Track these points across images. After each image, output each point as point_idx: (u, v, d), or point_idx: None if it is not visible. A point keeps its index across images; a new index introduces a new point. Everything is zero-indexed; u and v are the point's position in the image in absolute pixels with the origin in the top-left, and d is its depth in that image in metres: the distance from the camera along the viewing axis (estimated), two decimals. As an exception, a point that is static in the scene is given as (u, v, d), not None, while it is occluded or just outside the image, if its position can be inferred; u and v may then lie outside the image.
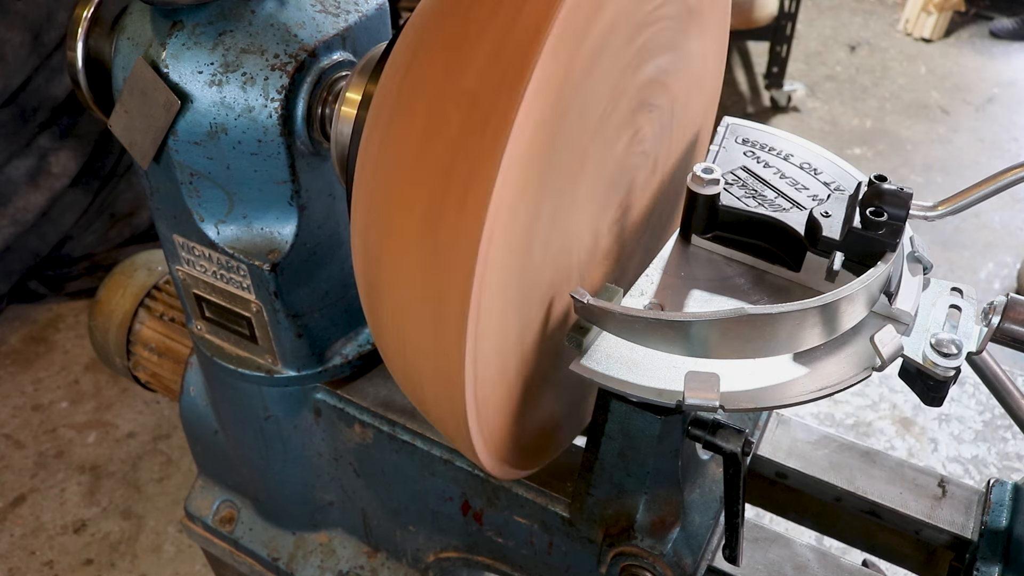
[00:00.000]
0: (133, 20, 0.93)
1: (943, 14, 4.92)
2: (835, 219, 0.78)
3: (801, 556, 1.00)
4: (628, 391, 0.72)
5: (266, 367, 1.12)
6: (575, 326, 0.75)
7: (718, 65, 1.05)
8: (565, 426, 0.98)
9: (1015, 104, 4.43)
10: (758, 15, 3.94)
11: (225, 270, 1.03)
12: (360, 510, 1.25)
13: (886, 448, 2.52)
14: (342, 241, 1.06)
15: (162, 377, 1.43)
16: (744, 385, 0.72)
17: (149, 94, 0.90)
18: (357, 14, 0.96)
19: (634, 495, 0.91)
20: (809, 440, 1.11)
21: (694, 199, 0.82)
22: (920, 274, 0.81)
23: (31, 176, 2.87)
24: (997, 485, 1.02)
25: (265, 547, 1.33)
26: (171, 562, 2.29)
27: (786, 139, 0.89)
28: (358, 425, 1.12)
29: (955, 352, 0.75)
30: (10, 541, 2.33)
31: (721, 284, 0.81)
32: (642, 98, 0.84)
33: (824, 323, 0.73)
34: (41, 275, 3.04)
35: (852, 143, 4.11)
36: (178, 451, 2.56)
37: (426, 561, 1.22)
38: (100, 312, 1.45)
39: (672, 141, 0.97)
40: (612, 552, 0.93)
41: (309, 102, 0.92)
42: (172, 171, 0.95)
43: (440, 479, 1.09)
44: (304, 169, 0.96)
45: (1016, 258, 3.38)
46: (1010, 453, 2.52)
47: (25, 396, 2.74)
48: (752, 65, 4.60)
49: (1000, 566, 0.95)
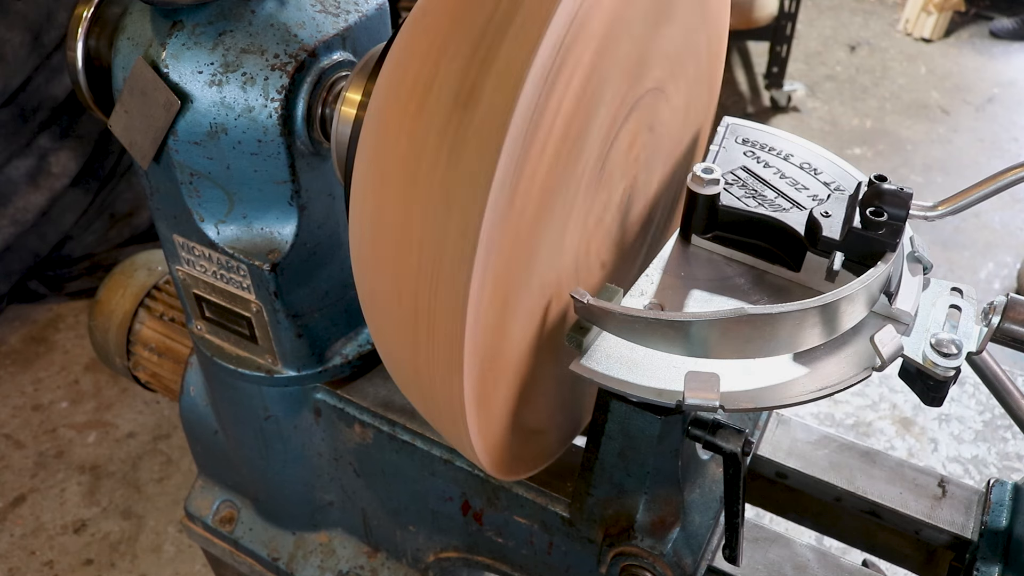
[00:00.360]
0: (133, 20, 0.93)
1: (943, 14, 4.92)
2: (835, 219, 0.78)
3: (801, 556, 1.00)
4: (628, 391, 0.72)
5: (266, 367, 1.12)
6: (575, 326, 0.75)
7: (717, 64, 1.05)
8: (564, 426, 0.98)
9: (1015, 104, 4.43)
10: (758, 15, 3.94)
11: (225, 270, 1.03)
12: (360, 510, 1.25)
13: (886, 448, 2.52)
14: (342, 241, 1.06)
15: (162, 377, 1.43)
16: (744, 385, 0.72)
17: (149, 94, 0.90)
18: (357, 14, 0.96)
19: (634, 495, 0.91)
20: (809, 440, 1.11)
21: (694, 199, 0.82)
22: (920, 274, 0.81)
23: (31, 176, 2.87)
24: (997, 485, 1.02)
25: (265, 547, 1.33)
26: (171, 562, 2.29)
27: (786, 139, 0.89)
28: (358, 425, 1.12)
29: (955, 352, 0.75)
30: (10, 541, 2.33)
31: (721, 284, 0.81)
32: (642, 94, 0.84)
33: (824, 323, 0.73)
34: (41, 275, 3.04)
35: (852, 143, 4.11)
36: (178, 451, 2.56)
37: (426, 561, 1.22)
38: (100, 312, 1.45)
39: (672, 141, 0.96)
40: (612, 552, 0.93)
41: (309, 102, 0.92)
42: (172, 171, 0.95)
43: (440, 479, 1.09)
44: (304, 169, 0.96)
45: (1016, 258, 3.38)
46: (1010, 453, 2.52)
47: (25, 396, 2.74)
48: (752, 65, 4.60)
49: (1000, 566, 0.95)
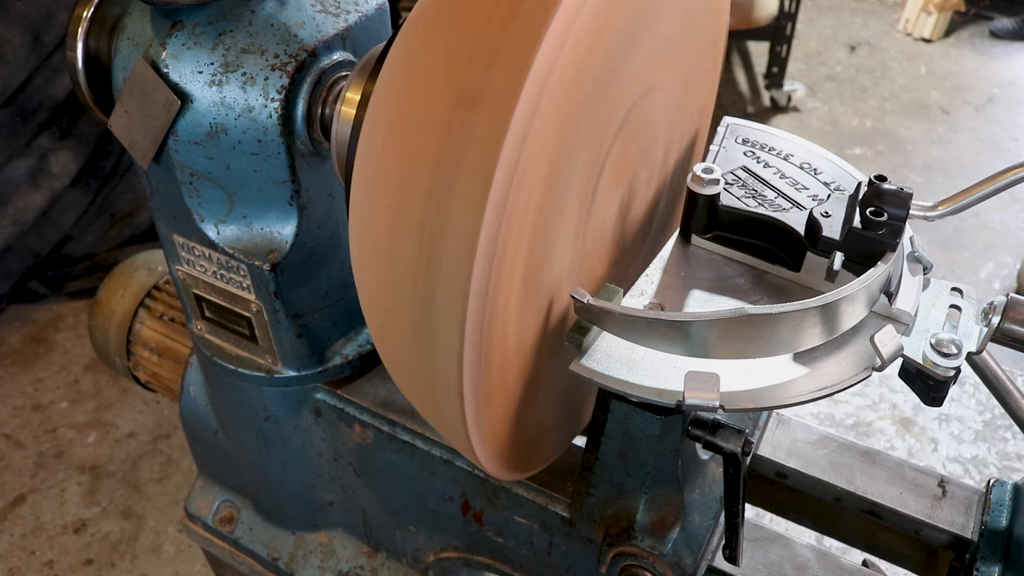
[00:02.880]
0: (133, 20, 0.93)
1: (943, 14, 4.92)
2: (835, 219, 0.78)
3: (801, 556, 1.00)
4: (628, 391, 0.72)
5: (266, 367, 1.12)
6: (575, 326, 0.75)
7: (715, 64, 1.05)
8: (564, 426, 0.98)
9: (1015, 104, 4.43)
10: (758, 15, 3.94)
11: (225, 270, 1.03)
12: (360, 510, 1.25)
13: (886, 448, 2.52)
14: (342, 241, 1.06)
15: (162, 377, 1.43)
16: (744, 385, 0.72)
17: (149, 94, 0.90)
18: (357, 14, 0.96)
19: (634, 495, 0.91)
20: (809, 440, 1.11)
21: (694, 199, 0.82)
22: (920, 274, 0.81)
23: (31, 176, 2.87)
24: (997, 485, 1.02)
25: (265, 547, 1.33)
26: (171, 562, 2.29)
27: (786, 139, 0.89)
28: (358, 425, 1.12)
29: (955, 352, 0.75)
30: (10, 541, 2.33)
31: (721, 284, 0.81)
32: (643, 87, 0.83)
33: (824, 323, 0.73)
34: (41, 275, 3.04)
35: (852, 143, 4.11)
36: (178, 451, 2.56)
37: (426, 561, 1.22)
38: (100, 312, 1.46)
39: (672, 137, 0.96)
40: (612, 552, 0.93)
41: (309, 102, 0.92)
42: (172, 171, 0.95)
43: (440, 479, 1.09)
44: (304, 169, 0.96)
45: (1016, 258, 3.38)
46: (1010, 453, 2.52)
47: (25, 396, 2.73)
48: (752, 65, 4.60)
49: (1000, 566, 0.95)
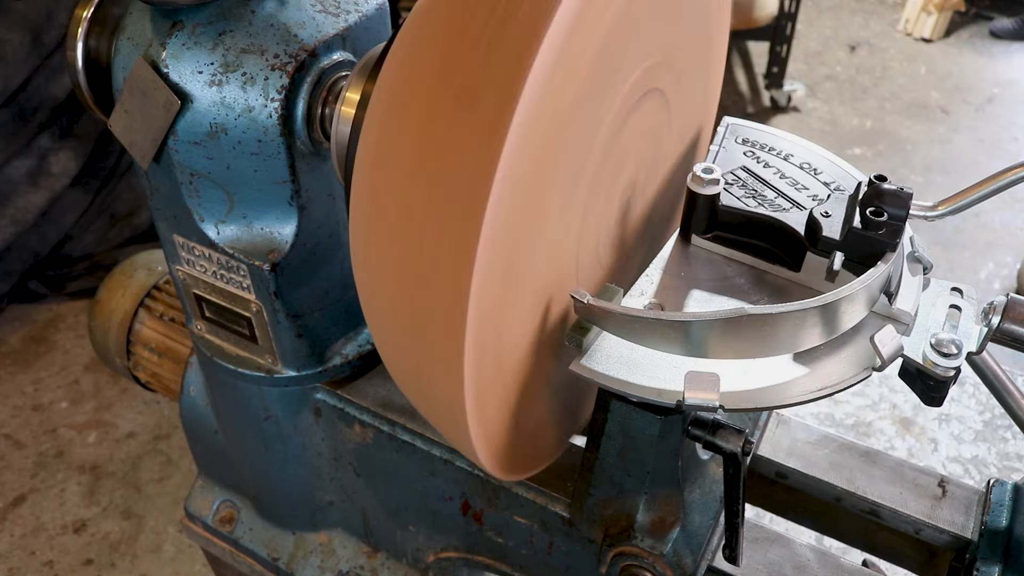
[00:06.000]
0: (133, 20, 0.93)
1: (943, 14, 4.92)
2: (835, 219, 0.78)
3: (801, 556, 1.00)
4: (628, 391, 0.72)
5: (266, 367, 1.12)
6: (575, 326, 0.75)
7: (718, 63, 1.05)
8: (564, 426, 0.98)
9: (1015, 104, 4.43)
10: (758, 15, 3.94)
11: (225, 270, 1.03)
12: (360, 510, 1.25)
13: (886, 448, 2.52)
14: (342, 241, 1.06)
15: (162, 377, 1.43)
16: (744, 385, 0.72)
17: (149, 94, 0.90)
18: (357, 14, 0.96)
19: (634, 495, 0.91)
20: (809, 440, 1.11)
21: (694, 199, 0.82)
22: (920, 274, 0.81)
23: (31, 176, 2.87)
24: (997, 485, 1.02)
25: (265, 547, 1.33)
26: (171, 562, 2.29)
27: (786, 139, 0.89)
28: (358, 425, 1.12)
29: (955, 352, 0.75)
30: (10, 541, 2.33)
31: (721, 284, 0.81)
32: (644, 87, 0.83)
33: (824, 323, 0.73)
34: (41, 275, 3.04)
35: (852, 143, 4.11)
36: (178, 451, 2.56)
37: (426, 561, 1.22)
38: (100, 312, 1.46)
39: (672, 137, 0.96)
40: (612, 552, 0.93)
41: (309, 102, 0.92)
42: (172, 171, 0.95)
43: (440, 479, 1.09)
44: (304, 169, 0.96)
45: (1016, 258, 3.38)
46: (1010, 453, 2.52)
47: (25, 396, 2.74)
48: (752, 65, 4.60)
49: (1000, 566, 0.95)
